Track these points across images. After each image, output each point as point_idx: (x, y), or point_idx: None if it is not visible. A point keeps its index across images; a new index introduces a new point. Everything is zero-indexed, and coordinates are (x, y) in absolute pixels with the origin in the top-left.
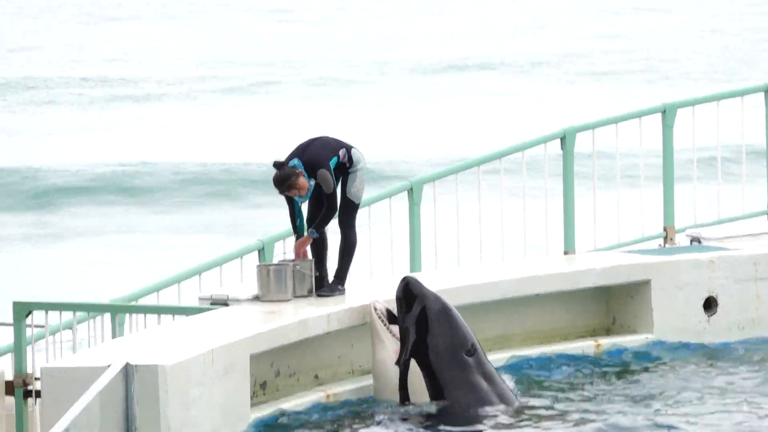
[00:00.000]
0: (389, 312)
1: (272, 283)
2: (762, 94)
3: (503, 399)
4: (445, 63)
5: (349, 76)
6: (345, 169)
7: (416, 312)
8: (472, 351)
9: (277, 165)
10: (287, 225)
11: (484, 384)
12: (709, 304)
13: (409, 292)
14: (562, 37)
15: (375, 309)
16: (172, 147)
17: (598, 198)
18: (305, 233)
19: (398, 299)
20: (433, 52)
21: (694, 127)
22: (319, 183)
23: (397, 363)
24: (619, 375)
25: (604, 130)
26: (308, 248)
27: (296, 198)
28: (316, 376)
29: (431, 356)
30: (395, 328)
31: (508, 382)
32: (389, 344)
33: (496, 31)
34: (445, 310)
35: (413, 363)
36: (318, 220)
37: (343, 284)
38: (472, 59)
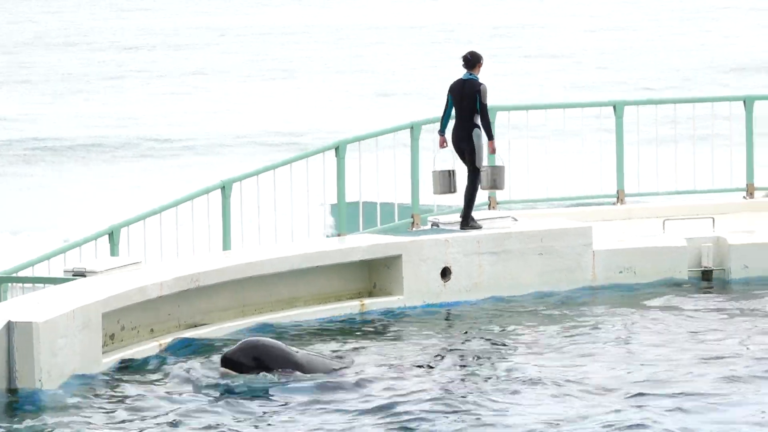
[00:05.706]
0: None
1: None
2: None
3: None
4: None
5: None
6: None
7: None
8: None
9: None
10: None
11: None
12: (445, 273)
13: (241, 364)
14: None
15: None
16: None
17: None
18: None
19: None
20: None
21: (434, 141)
22: (482, 95)
23: None
24: (377, 328)
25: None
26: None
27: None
28: (152, 330)
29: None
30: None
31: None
32: None
33: None
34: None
35: None
36: (486, 131)
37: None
38: None
